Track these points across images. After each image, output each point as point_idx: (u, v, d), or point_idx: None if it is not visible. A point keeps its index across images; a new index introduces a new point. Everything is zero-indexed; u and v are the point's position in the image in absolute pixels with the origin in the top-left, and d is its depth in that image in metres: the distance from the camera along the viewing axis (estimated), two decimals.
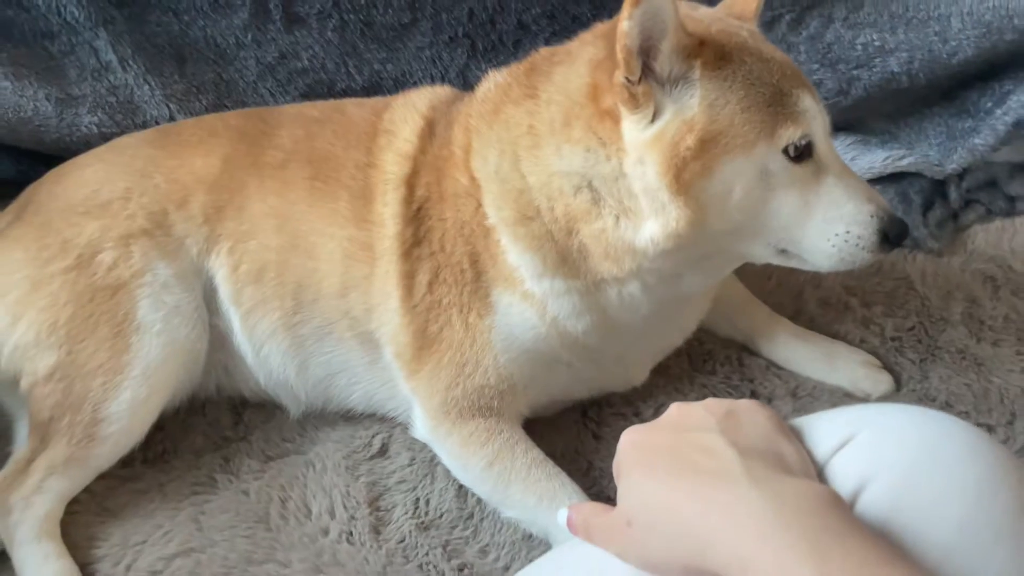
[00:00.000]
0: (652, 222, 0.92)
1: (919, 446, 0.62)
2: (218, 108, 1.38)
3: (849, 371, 1.18)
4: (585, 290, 1.01)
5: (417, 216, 1.05)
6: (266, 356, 1.12)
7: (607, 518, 0.67)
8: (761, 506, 0.56)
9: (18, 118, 1.35)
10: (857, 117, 1.49)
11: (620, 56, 0.88)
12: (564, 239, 0.98)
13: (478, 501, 1.06)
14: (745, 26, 0.98)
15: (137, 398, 1.04)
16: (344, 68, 1.42)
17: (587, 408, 1.17)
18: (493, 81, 1.07)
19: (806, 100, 0.92)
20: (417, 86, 1.22)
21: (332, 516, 1.05)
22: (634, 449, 0.67)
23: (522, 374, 1.04)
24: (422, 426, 1.08)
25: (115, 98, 1.38)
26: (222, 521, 1.05)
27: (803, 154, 0.92)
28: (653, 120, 0.90)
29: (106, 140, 1.26)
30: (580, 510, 0.70)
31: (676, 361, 1.21)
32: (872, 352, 1.22)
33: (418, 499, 1.07)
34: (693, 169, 0.89)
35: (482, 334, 1.02)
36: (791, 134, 0.90)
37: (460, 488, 1.07)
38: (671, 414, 0.69)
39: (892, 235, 0.93)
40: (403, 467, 1.11)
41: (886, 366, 1.20)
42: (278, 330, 1.11)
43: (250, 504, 1.07)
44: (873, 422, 0.65)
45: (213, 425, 1.16)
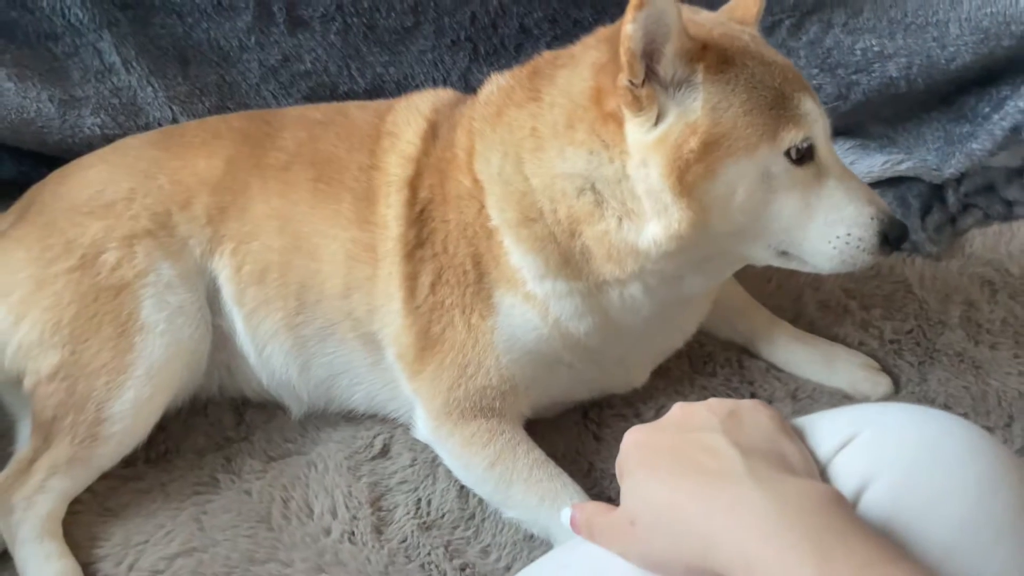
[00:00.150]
0: (655, 224, 0.93)
1: (920, 445, 0.62)
2: (221, 110, 1.38)
3: (848, 373, 1.19)
4: (587, 292, 1.01)
5: (420, 218, 1.05)
6: (269, 356, 1.12)
7: (610, 517, 0.67)
8: (764, 506, 0.56)
9: (21, 119, 1.36)
10: (856, 122, 1.49)
11: (624, 59, 0.88)
12: (567, 241, 0.98)
13: (480, 501, 1.07)
14: (747, 30, 0.99)
15: (140, 398, 1.04)
16: (347, 71, 1.42)
17: (588, 409, 1.17)
18: (496, 84, 1.07)
19: (807, 103, 0.93)
20: (419, 89, 1.22)
21: (334, 516, 1.05)
22: (637, 449, 0.67)
23: (524, 375, 1.05)
24: (424, 427, 1.09)
25: (118, 100, 1.38)
26: (224, 521, 1.05)
27: (804, 157, 0.92)
28: (656, 123, 0.91)
29: (109, 142, 1.26)
30: (583, 509, 0.71)
31: (676, 363, 1.21)
32: (871, 355, 1.23)
33: (420, 499, 1.07)
34: (696, 171, 0.90)
35: (484, 335, 1.03)
36: (793, 137, 0.91)
37: (462, 488, 1.08)
38: (674, 414, 0.69)
39: (892, 237, 0.94)
40: (405, 467, 1.11)
41: (885, 368, 1.21)
42: (280, 331, 1.11)
43: (252, 504, 1.07)
44: (875, 421, 0.65)
45: (215, 425, 1.17)
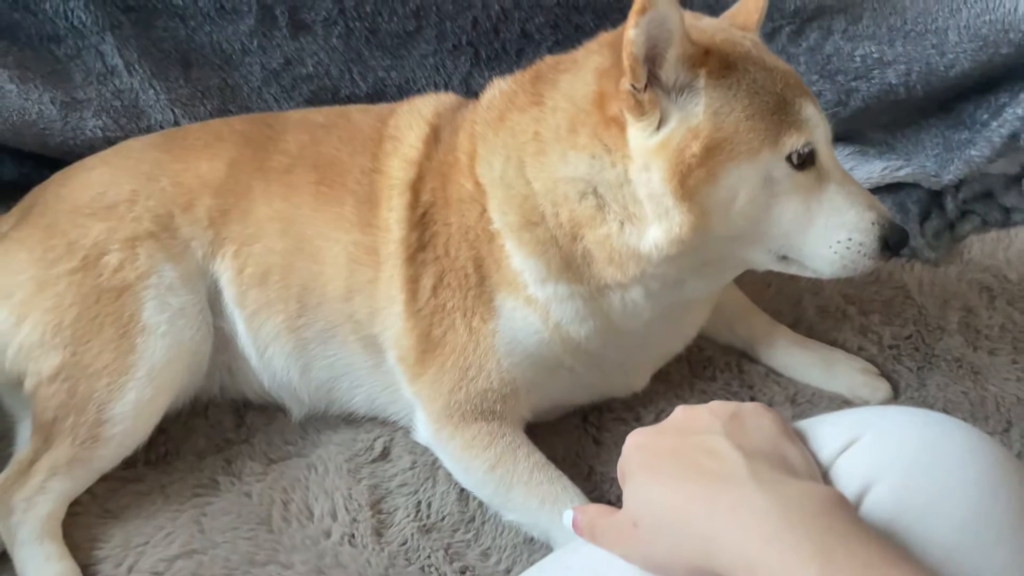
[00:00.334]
0: (656, 228, 0.93)
1: (921, 447, 0.62)
2: (223, 113, 1.39)
3: (847, 378, 1.19)
4: (588, 295, 1.01)
5: (422, 221, 1.05)
6: (270, 358, 1.13)
7: (612, 519, 0.67)
8: (766, 508, 0.57)
9: (23, 121, 1.36)
10: (855, 128, 1.50)
11: (626, 63, 0.89)
12: (568, 244, 0.99)
13: (480, 504, 1.07)
14: (748, 36, 0.99)
15: (141, 399, 1.04)
16: (348, 75, 1.42)
17: (588, 413, 1.17)
18: (498, 88, 1.08)
19: (809, 109, 0.94)
20: (421, 93, 1.23)
21: (334, 518, 1.05)
22: (639, 451, 0.67)
23: (525, 378, 1.05)
24: (424, 430, 1.09)
25: (120, 102, 1.38)
26: (224, 523, 1.05)
27: (806, 162, 0.93)
28: (658, 127, 0.91)
29: (110, 144, 1.27)
30: (585, 511, 0.71)
31: (676, 367, 1.22)
32: (870, 360, 1.23)
33: (420, 502, 1.07)
34: (698, 176, 0.90)
35: (485, 338, 1.03)
36: (794, 142, 0.91)
37: (462, 491, 1.08)
38: (676, 417, 0.69)
39: (893, 242, 0.94)
40: (405, 470, 1.11)
41: (884, 374, 1.21)
42: (282, 333, 1.11)
43: (252, 506, 1.07)
44: (876, 424, 0.65)
45: (215, 427, 1.17)
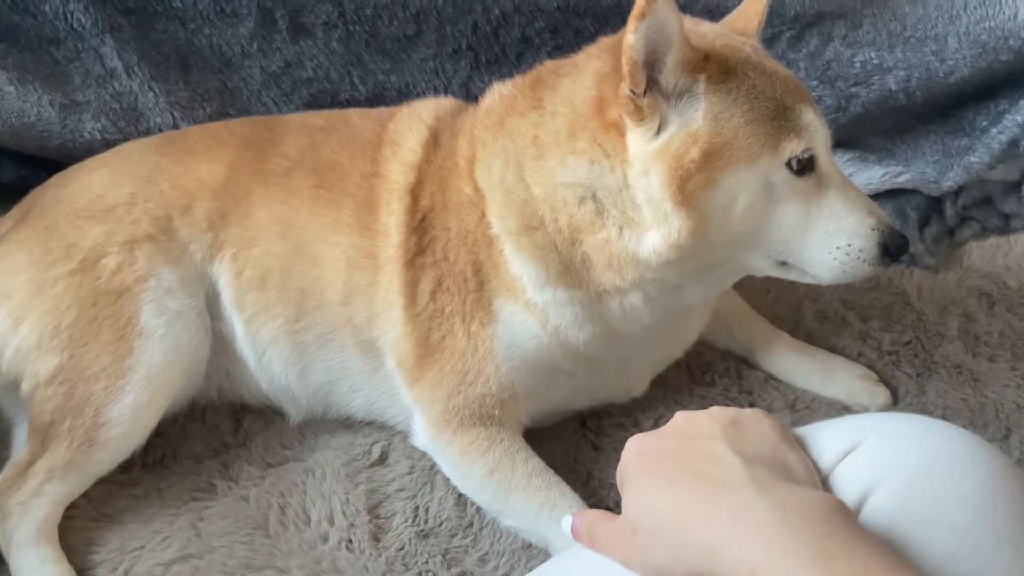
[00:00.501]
0: (655, 233, 0.93)
1: (921, 454, 0.62)
2: (222, 116, 1.39)
3: (847, 384, 1.19)
4: (587, 300, 1.01)
5: (421, 225, 1.05)
6: (268, 362, 1.12)
7: (611, 525, 0.67)
8: (767, 514, 0.57)
9: (21, 123, 1.36)
10: (855, 134, 1.50)
11: (625, 68, 0.89)
12: (567, 249, 0.99)
13: (477, 510, 1.06)
14: (748, 42, 0.99)
15: (139, 402, 1.04)
16: (348, 78, 1.42)
17: (587, 418, 1.17)
18: (498, 93, 1.08)
19: (808, 114, 0.94)
20: (420, 97, 1.23)
21: (331, 523, 1.05)
22: (639, 457, 0.67)
23: (523, 383, 1.05)
24: (423, 434, 1.08)
25: (119, 105, 1.38)
26: (221, 527, 1.04)
27: (805, 167, 0.93)
28: (658, 133, 0.91)
29: (109, 147, 1.27)
30: (584, 517, 0.70)
31: (675, 373, 1.22)
32: (869, 366, 1.23)
33: (418, 507, 1.07)
34: (697, 181, 0.90)
35: (484, 343, 1.03)
36: (794, 147, 0.91)
37: (460, 496, 1.08)
38: (676, 422, 0.69)
39: (893, 248, 0.94)
40: (403, 475, 1.10)
41: (883, 380, 1.21)
42: (280, 336, 1.11)
43: (249, 510, 1.07)
44: (876, 430, 0.65)
45: (213, 431, 1.16)
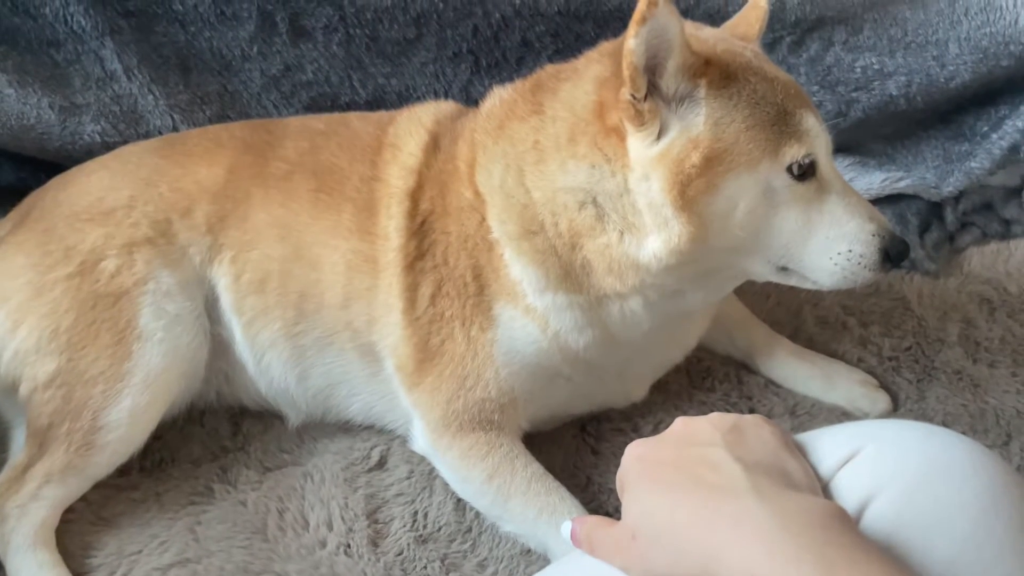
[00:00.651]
0: (655, 238, 0.93)
1: (922, 461, 0.62)
2: (222, 119, 1.38)
3: (847, 390, 1.19)
4: (587, 305, 1.01)
5: (421, 229, 1.05)
6: (267, 365, 1.12)
7: (611, 531, 0.67)
8: (767, 520, 0.56)
9: (21, 125, 1.35)
10: (855, 139, 1.50)
11: (626, 73, 0.89)
12: (567, 254, 0.98)
13: (476, 515, 1.06)
14: (749, 47, 0.99)
15: (137, 406, 1.03)
16: (348, 82, 1.42)
17: (586, 423, 1.17)
18: (498, 97, 1.08)
19: (809, 119, 0.94)
20: (420, 101, 1.23)
21: (330, 528, 1.05)
22: (639, 463, 0.67)
23: (523, 388, 1.05)
24: (422, 439, 1.08)
25: (119, 107, 1.38)
26: (219, 532, 1.04)
27: (806, 173, 0.93)
28: (658, 137, 0.91)
29: (109, 149, 1.26)
30: (584, 523, 0.70)
31: (675, 378, 1.21)
32: (870, 371, 1.23)
33: (416, 512, 1.07)
34: (697, 186, 0.90)
35: (484, 347, 1.03)
36: (795, 152, 0.91)
37: (458, 501, 1.07)
38: (676, 428, 0.69)
39: (893, 254, 0.94)
40: (401, 480, 1.10)
41: (883, 385, 1.21)
42: (279, 340, 1.11)
43: (247, 515, 1.06)
44: (877, 437, 0.65)
45: (211, 435, 1.16)
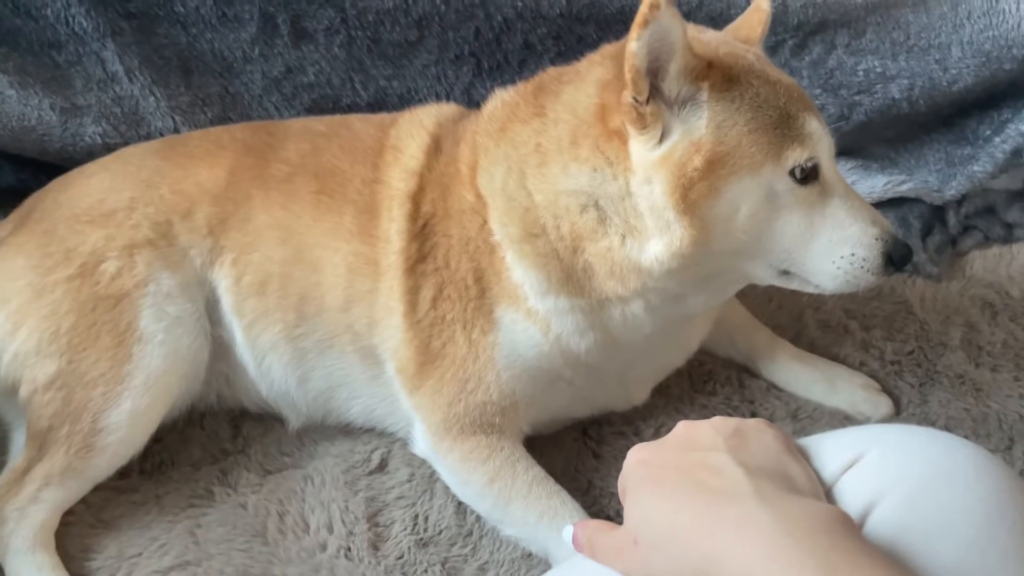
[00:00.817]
0: (657, 241, 0.93)
1: (926, 466, 0.62)
2: (223, 121, 1.38)
3: (849, 394, 1.19)
4: (589, 309, 1.01)
5: (422, 232, 1.05)
6: (268, 368, 1.12)
7: (613, 535, 0.67)
8: (770, 525, 0.56)
9: (22, 127, 1.35)
10: (858, 142, 1.50)
11: (628, 76, 0.89)
12: (569, 257, 0.98)
13: (477, 518, 1.06)
14: (751, 50, 0.99)
15: (137, 408, 1.03)
16: (350, 84, 1.42)
17: (587, 427, 1.16)
18: (500, 99, 1.07)
19: (812, 123, 0.93)
20: (422, 103, 1.23)
21: (330, 531, 1.05)
22: (641, 467, 0.66)
23: (524, 391, 1.04)
24: (423, 442, 1.08)
25: (120, 109, 1.38)
26: (219, 534, 1.04)
27: (809, 176, 0.93)
28: (661, 141, 0.91)
29: (110, 151, 1.26)
30: (585, 527, 0.70)
31: (677, 381, 1.21)
32: (872, 375, 1.23)
33: (417, 515, 1.06)
34: (700, 189, 0.90)
35: (485, 351, 1.02)
36: (798, 156, 0.91)
37: (459, 505, 1.07)
38: (678, 432, 0.68)
39: (896, 258, 0.94)
40: (402, 483, 1.10)
41: (886, 389, 1.21)
42: (280, 342, 1.10)
43: (247, 518, 1.06)
44: (880, 441, 0.65)
45: (211, 437, 1.16)
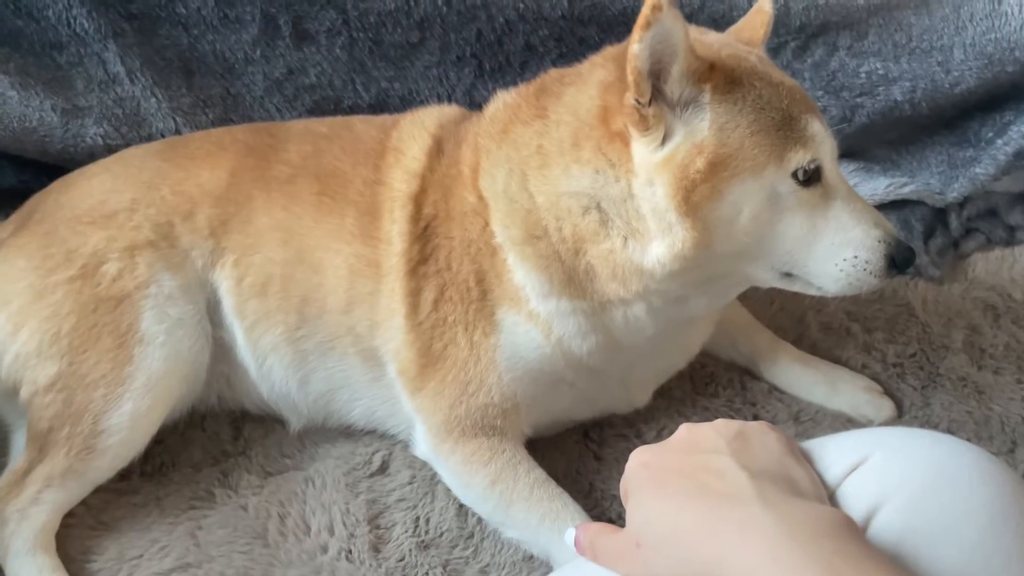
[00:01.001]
0: (659, 243, 0.93)
1: (929, 469, 0.62)
2: (224, 122, 1.38)
3: (851, 396, 1.19)
4: (591, 311, 1.01)
5: (424, 234, 1.05)
6: (268, 369, 1.12)
7: (615, 538, 0.66)
8: (774, 529, 0.56)
9: (23, 128, 1.35)
10: (860, 144, 1.50)
11: (630, 78, 0.88)
12: (571, 259, 0.98)
13: (479, 520, 1.06)
14: (754, 51, 0.99)
15: (138, 410, 1.03)
16: (351, 85, 1.42)
17: (589, 429, 1.16)
18: (502, 101, 1.07)
19: (815, 125, 0.93)
20: (424, 104, 1.23)
21: (331, 533, 1.04)
22: (644, 470, 0.66)
23: (526, 393, 1.04)
24: (424, 444, 1.08)
25: (121, 110, 1.38)
26: (220, 536, 1.04)
27: (812, 178, 0.92)
28: (663, 143, 0.91)
29: (111, 152, 1.26)
30: (587, 530, 0.70)
31: (679, 384, 1.21)
32: (874, 378, 1.22)
33: (418, 517, 1.06)
34: (702, 191, 0.90)
35: (487, 353, 1.02)
36: (800, 158, 0.91)
37: (461, 507, 1.07)
38: (681, 435, 0.68)
39: (899, 260, 0.93)
40: (403, 485, 1.10)
41: (888, 392, 1.21)
42: (281, 344, 1.10)
43: (248, 520, 1.06)
44: (884, 445, 0.65)
45: (212, 439, 1.16)
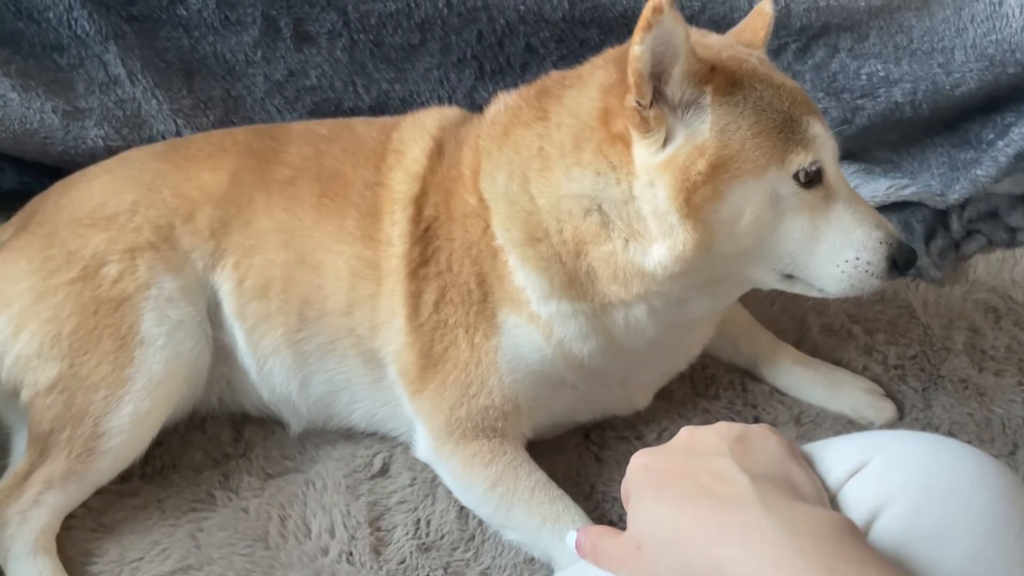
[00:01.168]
0: (660, 245, 0.93)
1: (931, 473, 0.62)
2: (225, 124, 1.38)
3: (852, 398, 1.18)
4: (592, 313, 1.01)
5: (425, 236, 1.05)
6: (269, 371, 1.12)
7: (616, 541, 0.66)
8: (775, 532, 0.56)
9: (24, 129, 1.35)
10: (861, 146, 1.50)
11: (631, 80, 0.88)
12: (572, 261, 0.98)
13: (479, 523, 1.05)
14: (755, 53, 0.99)
15: (139, 412, 1.03)
16: (352, 87, 1.42)
17: (590, 431, 1.16)
18: (503, 103, 1.07)
19: (816, 126, 0.93)
20: (424, 106, 1.23)
21: (332, 536, 1.04)
22: (645, 472, 0.66)
23: (527, 395, 1.04)
24: (425, 446, 1.08)
25: (122, 112, 1.38)
26: (220, 539, 1.04)
27: (813, 180, 0.92)
28: (664, 144, 0.91)
29: (112, 154, 1.26)
30: (589, 532, 0.70)
31: (679, 385, 1.21)
32: (875, 380, 1.22)
33: (419, 520, 1.06)
34: (703, 193, 0.90)
35: (487, 355, 1.02)
36: (801, 160, 0.91)
37: (461, 509, 1.07)
38: (682, 438, 0.68)
39: (900, 262, 0.93)
40: (404, 487, 1.10)
41: (889, 394, 1.21)
42: (281, 346, 1.10)
43: (249, 522, 1.06)
44: (885, 448, 0.65)
45: (213, 441, 1.15)
